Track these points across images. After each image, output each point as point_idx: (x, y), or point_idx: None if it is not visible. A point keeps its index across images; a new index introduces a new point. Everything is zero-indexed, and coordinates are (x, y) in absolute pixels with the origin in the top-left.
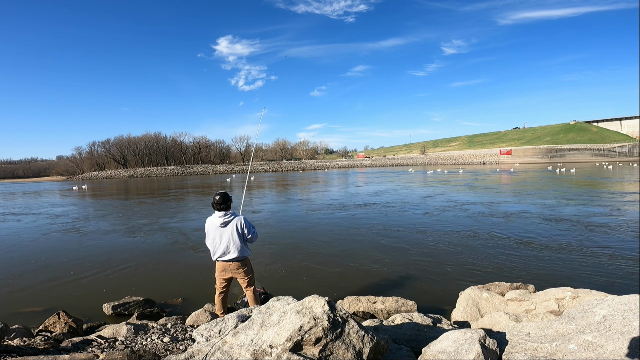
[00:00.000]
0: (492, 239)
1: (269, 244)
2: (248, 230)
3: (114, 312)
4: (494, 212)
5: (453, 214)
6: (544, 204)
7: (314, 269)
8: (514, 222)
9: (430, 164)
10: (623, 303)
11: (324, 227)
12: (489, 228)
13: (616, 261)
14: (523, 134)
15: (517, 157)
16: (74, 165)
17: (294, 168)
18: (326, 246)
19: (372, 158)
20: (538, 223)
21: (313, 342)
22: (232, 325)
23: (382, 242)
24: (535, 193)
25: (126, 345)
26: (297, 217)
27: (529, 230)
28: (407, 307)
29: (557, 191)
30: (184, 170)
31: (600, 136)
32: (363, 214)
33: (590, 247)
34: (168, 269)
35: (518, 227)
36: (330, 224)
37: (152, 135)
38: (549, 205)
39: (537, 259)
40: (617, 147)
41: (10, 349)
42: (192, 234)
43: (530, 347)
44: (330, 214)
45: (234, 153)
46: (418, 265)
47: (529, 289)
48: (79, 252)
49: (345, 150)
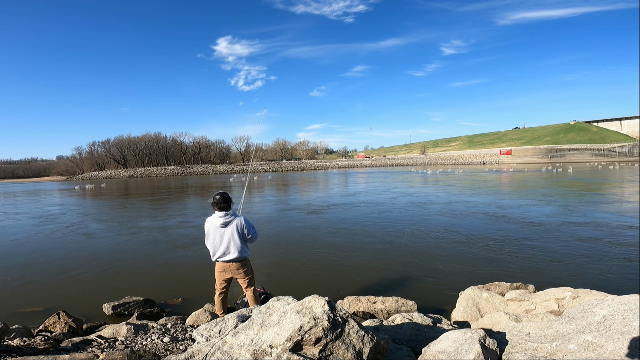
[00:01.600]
0: (492, 239)
1: (269, 244)
2: (248, 231)
3: (114, 312)
4: (494, 212)
5: (453, 214)
6: (544, 204)
7: (314, 269)
8: (513, 222)
9: (430, 164)
10: (623, 303)
11: (323, 227)
12: (489, 228)
13: (616, 261)
14: (523, 134)
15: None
16: (74, 165)
17: (294, 168)
18: (326, 246)
19: (372, 158)
20: (538, 223)
21: (313, 342)
22: (232, 325)
23: (382, 242)
24: (534, 193)
25: (126, 345)
26: (297, 217)
27: (529, 230)
28: (407, 307)
29: (555, 190)
30: (184, 170)
31: (600, 136)
32: (363, 214)
33: (590, 247)
34: (168, 269)
35: (518, 227)
36: (330, 224)
37: (152, 135)
38: (549, 206)
39: (537, 259)
40: (617, 147)
41: (10, 349)
42: (192, 233)
43: (530, 347)
44: (330, 214)
45: (234, 153)
46: (418, 265)
47: (529, 289)
48: (78, 251)
49: (345, 150)
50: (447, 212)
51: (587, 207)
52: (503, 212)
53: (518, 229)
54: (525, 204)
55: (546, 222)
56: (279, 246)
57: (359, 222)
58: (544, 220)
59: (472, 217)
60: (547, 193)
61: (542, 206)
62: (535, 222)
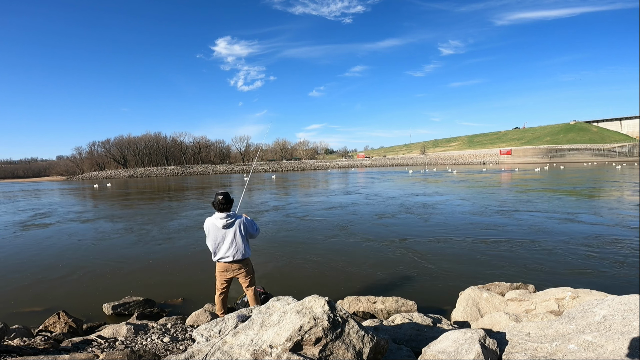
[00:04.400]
0: (492, 239)
1: (269, 244)
2: (252, 230)
3: (114, 312)
4: (494, 212)
5: (452, 214)
6: (543, 203)
7: (314, 269)
8: (513, 223)
9: (430, 164)
10: (623, 303)
11: (323, 227)
12: (489, 228)
13: (616, 261)
14: (523, 134)
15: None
16: (74, 165)
17: (294, 168)
18: (326, 246)
19: (372, 158)
20: (538, 223)
21: (313, 342)
22: (232, 325)
23: (382, 242)
24: (532, 191)
25: (126, 345)
26: (297, 217)
27: (529, 230)
28: (407, 307)
29: (554, 190)
30: (184, 170)
31: (600, 136)
32: (363, 214)
33: (590, 247)
34: (168, 269)
35: (517, 227)
36: (330, 224)
37: (152, 135)
38: (549, 206)
39: (537, 259)
40: (617, 147)
41: (10, 349)
42: (192, 233)
43: (530, 347)
44: (330, 214)
45: (234, 153)
46: (418, 265)
47: (529, 289)
48: (78, 251)
49: (345, 150)
50: (447, 212)
51: (587, 207)
52: (503, 212)
53: (517, 229)
54: (524, 204)
55: (546, 222)
56: (279, 246)
57: (359, 222)
58: (544, 220)
59: (473, 217)
60: (544, 193)
61: (541, 206)
62: (535, 222)
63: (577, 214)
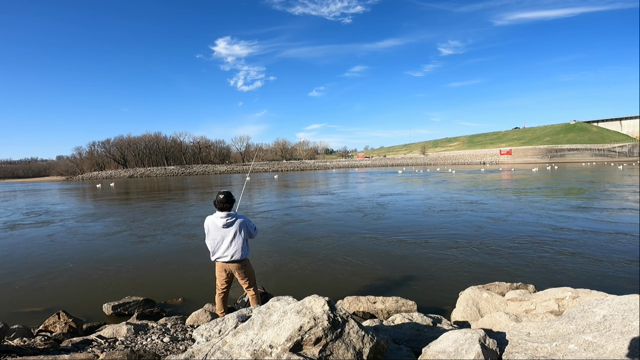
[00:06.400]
0: (492, 239)
1: (269, 244)
2: (251, 230)
3: (114, 312)
4: (494, 212)
5: (453, 214)
6: (543, 203)
7: (314, 269)
8: (512, 223)
9: (430, 164)
10: (623, 303)
11: (324, 227)
12: (489, 228)
13: (616, 261)
14: (523, 134)
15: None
16: (74, 165)
17: (294, 168)
18: (326, 246)
19: (372, 158)
20: (537, 223)
21: (313, 342)
22: (232, 325)
23: (382, 242)
24: (530, 191)
25: (126, 345)
26: (297, 217)
27: (529, 230)
28: (407, 307)
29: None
30: (183, 170)
31: (600, 136)
32: (363, 214)
33: (590, 247)
34: (168, 269)
35: (517, 227)
36: (330, 224)
37: (152, 135)
38: (548, 206)
39: (537, 259)
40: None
41: (10, 349)
42: (192, 233)
43: (530, 347)
44: (330, 214)
45: (234, 153)
46: (418, 266)
47: (529, 289)
48: (78, 251)
49: (345, 150)
50: (446, 212)
51: (586, 207)
52: (502, 212)
53: (517, 229)
54: (523, 203)
55: (545, 222)
56: (279, 246)
57: (359, 223)
58: (543, 220)
59: (472, 217)
60: (543, 192)
61: (541, 205)
62: (534, 222)
63: (577, 214)
